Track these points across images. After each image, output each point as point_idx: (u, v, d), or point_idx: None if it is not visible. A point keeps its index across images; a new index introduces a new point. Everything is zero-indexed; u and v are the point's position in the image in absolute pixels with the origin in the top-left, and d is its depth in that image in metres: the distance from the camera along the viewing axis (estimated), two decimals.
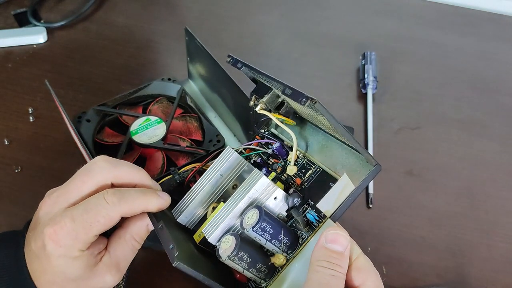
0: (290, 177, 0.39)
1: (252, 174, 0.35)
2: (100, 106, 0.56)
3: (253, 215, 0.33)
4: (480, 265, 0.50)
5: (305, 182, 0.38)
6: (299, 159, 0.39)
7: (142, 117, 0.54)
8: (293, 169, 0.39)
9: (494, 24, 0.76)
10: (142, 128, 0.53)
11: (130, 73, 0.66)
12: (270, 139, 0.42)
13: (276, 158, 0.41)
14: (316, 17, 0.76)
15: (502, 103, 0.65)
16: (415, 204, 0.54)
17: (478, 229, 0.52)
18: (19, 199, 0.53)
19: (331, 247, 0.32)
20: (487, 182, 0.56)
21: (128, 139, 0.52)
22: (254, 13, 0.76)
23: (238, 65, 0.39)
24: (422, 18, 0.77)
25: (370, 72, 0.64)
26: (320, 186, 0.37)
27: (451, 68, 0.69)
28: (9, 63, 0.67)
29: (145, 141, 0.52)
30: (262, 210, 0.33)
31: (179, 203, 0.39)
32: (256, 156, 0.42)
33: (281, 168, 0.40)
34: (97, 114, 0.55)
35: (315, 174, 0.38)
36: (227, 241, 0.33)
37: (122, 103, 0.57)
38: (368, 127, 0.60)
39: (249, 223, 0.33)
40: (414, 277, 0.49)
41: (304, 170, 0.39)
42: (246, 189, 0.35)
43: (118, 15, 0.75)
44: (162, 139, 0.52)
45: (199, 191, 0.38)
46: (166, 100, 0.58)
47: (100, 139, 0.53)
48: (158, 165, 0.51)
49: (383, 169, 0.57)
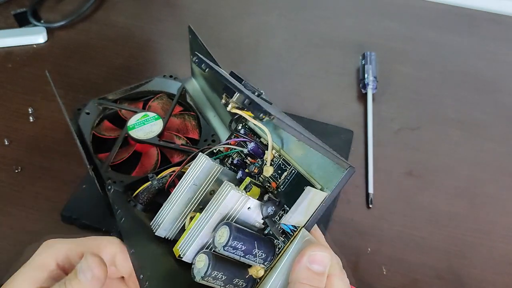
0: (266, 179, 0.37)
1: (221, 188, 0.34)
2: (101, 99, 0.56)
3: (223, 233, 0.32)
4: (480, 266, 0.50)
5: (280, 185, 0.37)
6: (275, 159, 0.38)
7: (140, 112, 0.54)
8: (270, 169, 0.37)
9: (494, 24, 0.76)
10: (139, 124, 0.53)
11: (130, 73, 0.66)
12: (245, 138, 0.40)
13: (253, 158, 0.39)
14: (316, 17, 0.76)
15: (502, 103, 0.65)
16: (415, 204, 0.54)
17: (478, 230, 0.52)
18: (19, 199, 0.53)
19: (314, 269, 0.31)
20: (487, 182, 0.56)
21: (124, 133, 0.52)
22: (254, 13, 0.76)
23: (203, 66, 0.37)
24: (422, 18, 0.77)
25: (370, 72, 0.64)
26: (296, 190, 0.35)
27: (451, 68, 0.69)
28: (9, 63, 0.67)
29: (141, 136, 0.52)
30: (232, 227, 0.32)
31: (157, 215, 0.37)
32: (235, 155, 0.40)
33: (257, 169, 0.38)
34: (97, 107, 0.55)
35: (290, 176, 0.36)
36: (201, 260, 0.32)
37: (123, 98, 0.57)
38: (368, 127, 0.60)
39: (220, 242, 0.32)
40: (414, 277, 0.49)
41: (280, 171, 0.37)
42: (217, 204, 0.33)
43: (118, 15, 0.75)
44: (158, 135, 0.52)
45: (176, 201, 0.36)
46: (167, 97, 0.58)
47: (98, 133, 0.53)
48: (152, 162, 0.51)
49: (383, 170, 0.57)
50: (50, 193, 0.53)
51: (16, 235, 0.50)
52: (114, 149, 0.51)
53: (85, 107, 0.54)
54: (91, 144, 0.51)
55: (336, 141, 0.59)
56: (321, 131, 0.60)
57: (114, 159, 0.50)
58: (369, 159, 0.57)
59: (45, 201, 0.52)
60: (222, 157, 0.41)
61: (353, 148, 0.59)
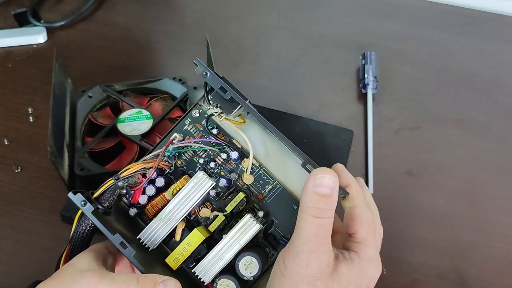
0: (245, 186, 0.39)
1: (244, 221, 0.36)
2: (107, 86, 0.57)
3: (251, 264, 0.35)
4: (480, 266, 0.50)
5: (265, 197, 0.38)
6: (255, 167, 0.39)
7: (136, 108, 0.54)
8: (250, 178, 0.38)
9: (494, 24, 0.76)
10: (130, 119, 0.53)
11: (130, 73, 0.66)
12: (218, 140, 0.39)
13: (229, 162, 0.39)
14: (316, 17, 0.76)
15: (502, 103, 0.65)
16: (415, 204, 0.54)
17: (478, 230, 0.52)
18: (19, 199, 0.53)
19: (320, 191, 0.32)
20: (487, 182, 0.56)
21: (112, 124, 0.53)
22: (254, 13, 0.76)
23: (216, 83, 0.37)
24: (422, 18, 0.77)
25: (370, 72, 0.64)
26: (282, 205, 0.38)
27: (451, 68, 0.69)
28: (9, 63, 0.67)
29: (126, 131, 0.52)
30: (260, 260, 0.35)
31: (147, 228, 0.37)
32: (202, 153, 0.40)
33: (236, 175, 0.39)
34: (101, 93, 0.56)
35: (276, 191, 0.38)
36: (227, 285, 0.36)
37: (130, 90, 0.58)
38: (368, 127, 0.60)
39: (248, 271, 0.35)
40: (414, 277, 0.49)
41: (262, 182, 0.39)
42: (241, 235, 0.36)
43: (118, 15, 0.75)
44: (142, 134, 0.52)
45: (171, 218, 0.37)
46: (171, 99, 0.58)
47: (94, 118, 0.54)
48: (130, 158, 0.52)
49: (383, 170, 0.57)
50: (50, 193, 0.53)
51: (16, 235, 0.50)
52: (97, 136, 0.52)
53: (90, 90, 0.56)
54: (83, 126, 0.53)
55: (336, 141, 0.59)
56: (321, 131, 0.60)
57: (96, 147, 0.51)
58: (369, 159, 0.57)
59: (45, 201, 0.52)
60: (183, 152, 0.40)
61: (353, 148, 0.59)
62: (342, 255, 0.33)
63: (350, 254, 0.34)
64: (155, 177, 0.38)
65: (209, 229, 0.37)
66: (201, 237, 0.36)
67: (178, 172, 0.40)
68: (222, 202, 0.39)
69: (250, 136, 0.38)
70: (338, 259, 0.33)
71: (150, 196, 0.38)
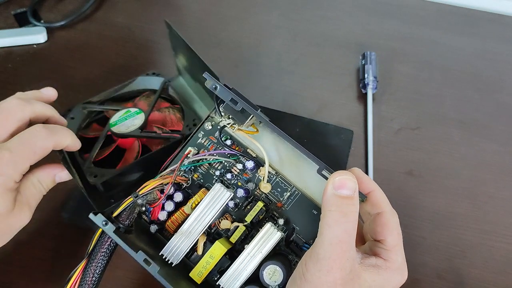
0: (264, 195, 0.39)
1: (266, 230, 0.36)
2: (85, 103, 0.56)
3: (275, 272, 0.35)
4: (480, 266, 0.50)
5: (284, 204, 0.38)
6: (271, 175, 0.39)
7: (123, 109, 0.54)
8: (268, 186, 0.38)
9: (494, 24, 0.76)
10: (121, 120, 0.53)
11: (130, 73, 0.66)
12: (233, 151, 0.40)
13: (245, 172, 0.40)
14: (316, 17, 0.76)
15: (503, 103, 0.65)
16: (416, 204, 0.54)
17: (478, 230, 0.52)
18: None
19: (341, 193, 0.31)
20: (487, 182, 0.56)
21: (107, 130, 0.52)
22: (254, 13, 0.76)
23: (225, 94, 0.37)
24: (422, 18, 0.77)
25: (370, 72, 0.64)
26: (302, 211, 0.38)
27: (451, 68, 0.69)
28: (9, 63, 0.67)
29: (123, 131, 0.52)
30: (284, 269, 0.35)
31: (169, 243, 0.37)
32: (217, 165, 0.40)
33: (253, 184, 0.39)
34: (82, 111, 0.55)
35: (294, 197, 0.38)
36: None
37: (111, 99, 0.57)
38: (368, 127, 0.60)
39: (273, 280, 0.35)
40: (415, 277, 0.49)
41: (280, 189, 0.39)
42: (263, 245, 0.36)
43: (118, 15, 0.75)
44: (139, 128, 0.52)
45: (193, 232, 0.37)
46: (153, 94, 0.58)
47: (85, 134, 0.53)
48: (134, 154, 0.51)
49: (383, 169, 0.57)
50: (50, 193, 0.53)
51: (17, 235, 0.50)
52: (96, 145, 0.51)
53: (71, 112, 0.54)
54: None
55: (336, 141, 0.59)
56: (321, 131, 0.60)
57: (97, 156, 0.50)
58: (369, 159, 0.57)
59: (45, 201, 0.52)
60: (198, 165, 0.40)
61: (353, 148, 0.59)
62: (368, 262, 0.33)
63: (378, 261, 0.33)
64: (173, 192, 0.39)
65: (231, 240, 0.37)
66: (223, 249, 0.36)
67: (195, 185, 0.40)
68: (241, 213, 0.38)
69: (263, 144, 0.38)
70: (363, 264, 0.32)
71: (169, 212, 0.39)
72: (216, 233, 0.38)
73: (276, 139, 0.39)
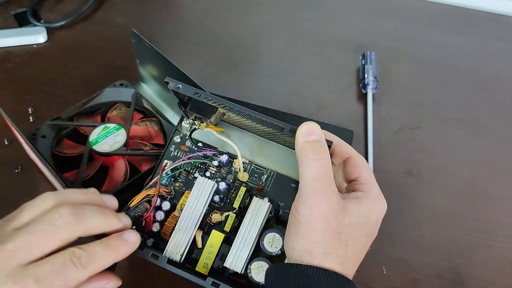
0: (244, 183, 0.42)
1: (255, 203, 0.39)
2: (54, 119, 0.54)
3: (274, 238, 0.38)
4: (480, 265, 0.50)
5: (265, 186, 0.41)
6: (246, 165, 0.42)
7: (100, 125, 0.52)
8: (245, 175, 0.42)
9: (494, 24, 0.76)
10: (101, 137, 0.51)
11: (130, 73, 0.66)
12: (212, 150, 0.43)
13: (222, 167, 0.42)
14: (316, 17, 0.76)
15: (502, 103, 0.65)
16: (415, 204, 0.54)
17: (478, 229, 0.52)
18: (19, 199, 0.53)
19: (310, 139, 0.35)
20: (487, 182, 0.56)
21: (88, 149, 0.50)
22: (254, 13, 0.76)
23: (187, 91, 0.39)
24: (422, 18, 0.77)
25: (370, 72, 0.64)
26: (282, 187, 0.41)
27: (451, 68, 0.69)
28: (9, 63, 0.67)
29: (107, 149, 0.50)
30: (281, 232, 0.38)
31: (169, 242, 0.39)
32: (194, 169, 0.43)
33: (232, 176, 0.42)
34: (52, 128, 0.53)
35: (272, 178, 0.42)
36: (260, 266, 0.38)
37: (79, 113, 0.56)
38: (368, 127, 0.60)
39: (274, 246, 0.38)
40: (414, 277, 0.49)
41: (257, 174, 0.42)
42: (256, 218, 0.38)
43: (117, 15, 0.75)
44: (124, 145, 0.51)
45: (188, 226, 0.39)
46: (124, 106, 0.57)
47: (59, 152, 0.52)
48: (121, 174, 0.50)
49: (383, 169, 0.57)
50: None
51: None
52: (82, 165, 0.49)
53: (39, 131, 0.53)
54: (53, 165, 0.49)
55: None
56: None
57: (82, 176, 0.49)
58: (369, 159, 0.57)
59: None
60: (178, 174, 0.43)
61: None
62: (349, 196, 0.35)
63: (357, 194, 0.36)
64: (160, 203, 0.41)
65: (225, 230, 0.39)
66: (221, 235, 0.39)
67: (179, 194, 0.42)
68: (228, 205, 0.41)
69: (232, 139, 0.42)
70: (346, 199, 0.35)
71: (161, 221, 0.40)
72: (210, 228, 0.40)
73: (241, 133, 0.43)
